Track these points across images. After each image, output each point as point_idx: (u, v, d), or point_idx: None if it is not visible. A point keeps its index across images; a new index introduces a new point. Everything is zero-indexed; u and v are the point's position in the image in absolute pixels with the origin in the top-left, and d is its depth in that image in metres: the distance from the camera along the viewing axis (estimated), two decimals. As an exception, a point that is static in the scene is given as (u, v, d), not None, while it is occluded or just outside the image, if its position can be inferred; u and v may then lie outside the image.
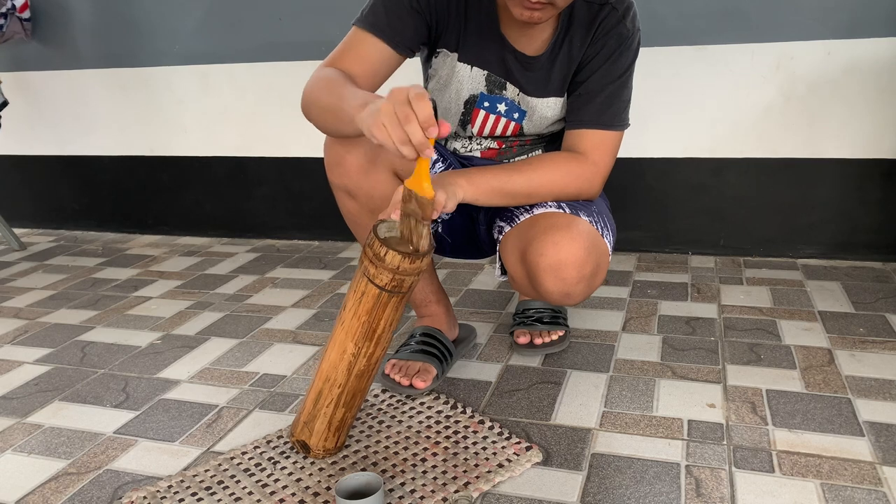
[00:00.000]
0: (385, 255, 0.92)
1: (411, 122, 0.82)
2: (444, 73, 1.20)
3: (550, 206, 1.13)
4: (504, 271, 1.23)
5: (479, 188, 1.07)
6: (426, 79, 1.25)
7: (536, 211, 1.14)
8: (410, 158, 0.85)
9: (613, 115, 1.13)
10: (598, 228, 1.13)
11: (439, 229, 1.29)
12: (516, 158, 1.28)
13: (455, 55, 1.17)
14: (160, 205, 2.48)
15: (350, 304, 0.98)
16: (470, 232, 1.33)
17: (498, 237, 1.21)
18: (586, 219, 1.12)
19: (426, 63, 1.23)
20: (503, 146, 1.27)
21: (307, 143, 2.21)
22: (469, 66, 1.18)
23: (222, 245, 2.35)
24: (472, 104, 1.21)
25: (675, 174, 1.94)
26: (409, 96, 0.82)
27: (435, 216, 0.98)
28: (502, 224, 1.20)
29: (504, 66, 1.16)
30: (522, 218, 1.15)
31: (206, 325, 1.64)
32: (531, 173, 1.11)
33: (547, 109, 1.19)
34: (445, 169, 1.25)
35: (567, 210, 1.13)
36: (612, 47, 1.11)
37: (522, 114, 1.20)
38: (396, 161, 1.14)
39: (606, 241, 1.15)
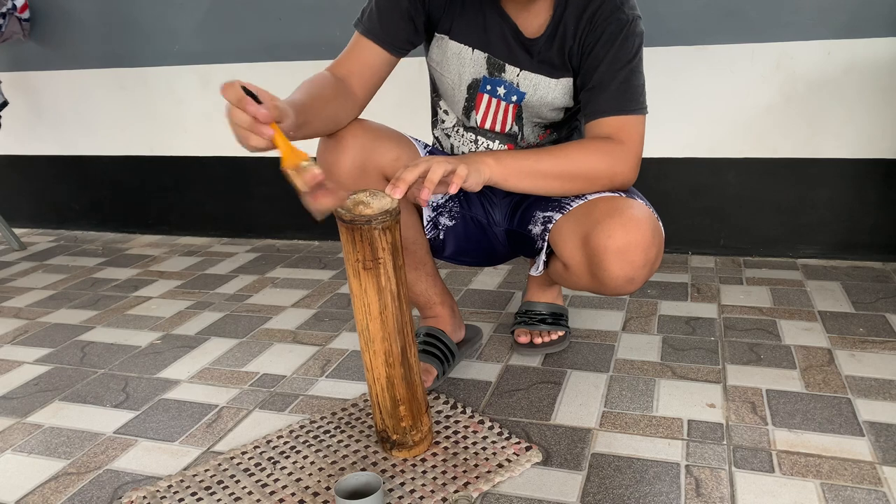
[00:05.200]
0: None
1: (234, 113, 0.86)
2: (443, 58, 1.20)
3: (605, 193, 1.12)
4: (545, 265, 1.22)
5: (507, 168, 1.05)
6: (428, 68, 1.26)
7: (591, 197, 1.13)
8: (258, 146, 0.88)
9: (630, 100, 1.10)
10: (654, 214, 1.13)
11: (440, 236, 1.28)
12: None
13: (454, 39, 1.18)
14: (160, 205, 2.48)
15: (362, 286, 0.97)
16: (482, 239, 1.32)
17: (543, 228, 1.19)
18: (642, 202, 1.12)
19: (426, 53, 1.24)
20: (513, 148, 1.27)
21: (307, 143, 2.20)
22: (470, 49, 1.17)
23: (222, 245, 2.35)
24: (475, 88, 1.21)
25: (675, 174, 1.94)
26: (223, 93, 0.87)
27: (454, 190, 0.97)
28: (549, 214, 1.18)
29: (505, 44, 1.16)
30: (575, 204, 1.13)
31: (206, 325, 1.64)
32: (560, 152, 1.09)
33: (547, 89, 1.17)
34: None
35: (623, 195, 1.11)
36: (613, 33, 1.09)
37: (521, 96, 1.20)
38: (387, 166, 1.15)
39: (662, 228, 1.15)
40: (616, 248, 1.04)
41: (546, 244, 1.19)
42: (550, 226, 1.17)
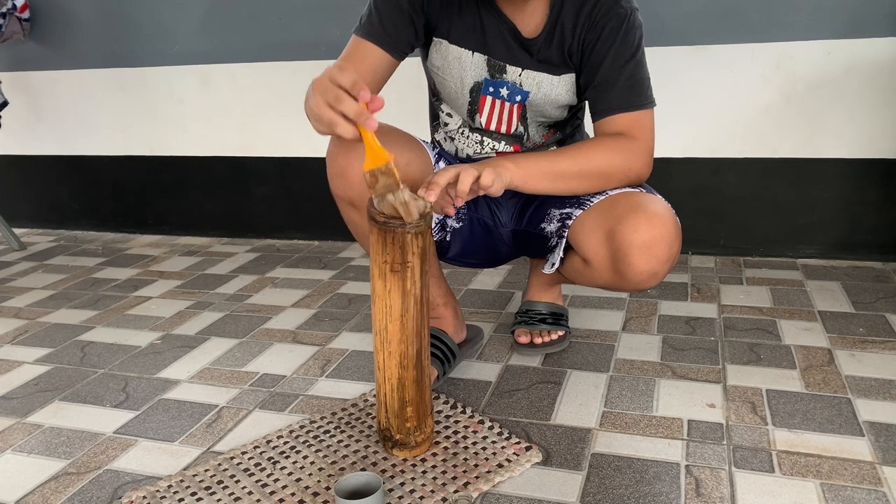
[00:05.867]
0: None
1: (343, 101, 0.84)
2: (444, 63, 1.20)
3: (626, 189, 1.13)
4: (560, 261, 1.22)
5: (527, 170, 1.06)
6: (427, 73, 1.26)
7: (611, 192, 1.13)
8: (351, 136, 0.86)
9: (638, 95, 1.12)
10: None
11: (447, 238, 1.28)
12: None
13: (453, 43, 1.17)
14: (160, 205, 2.48)
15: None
16: (487, 240, 1.32)
17: (560, 225, 1.18)
18: (660, 197, 1.12)
19: (424, 59, 1.24)
20: (520, 150, 1.26)
21: (307, 143, 2.21)
22: (470, 52, 1.17)
23: (222, 245, 2.35)
24: (477, 91, 1.21)
25: (674, 174, 1.94)
26: (331, 77, 0.84)
27: (475, 195, 0.99)
28: (568, 211, 1.18)
29: (504, 45, 1.16)
30: (596, 200, 1.14)
31: (206, 325, 1.64)
32: (577, 152, 1.10)
33: (550, 86, 1.18)
34: None
35: (644, 190, 1.12)
36: (614, 28, 1.09)
37: (525, 95, 1.20)
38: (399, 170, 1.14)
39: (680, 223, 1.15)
40: (642, 243, 1.05)
41: (564, 241, 1.19)
42: (569, 222, 1.17)
